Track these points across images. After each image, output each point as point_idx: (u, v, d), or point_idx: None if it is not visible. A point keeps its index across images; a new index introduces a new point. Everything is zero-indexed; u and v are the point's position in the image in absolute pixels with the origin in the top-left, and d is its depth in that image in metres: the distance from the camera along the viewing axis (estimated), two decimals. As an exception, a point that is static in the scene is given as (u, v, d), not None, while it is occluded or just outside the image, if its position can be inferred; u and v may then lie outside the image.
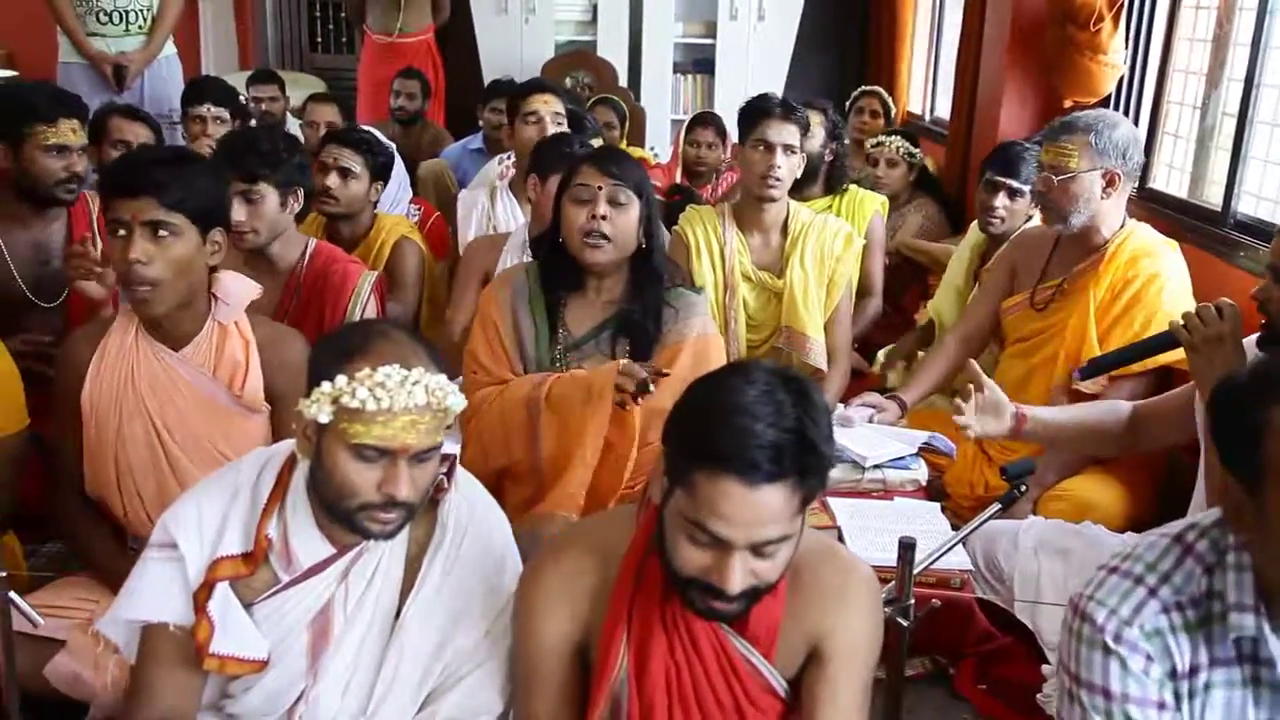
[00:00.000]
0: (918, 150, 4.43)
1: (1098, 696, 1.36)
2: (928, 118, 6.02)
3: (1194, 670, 1.35)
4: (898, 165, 4.37)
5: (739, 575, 1.36)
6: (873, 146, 4.45)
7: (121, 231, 1.99)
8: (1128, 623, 1.35)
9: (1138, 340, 2.55)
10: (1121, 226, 2.77)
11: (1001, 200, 3.32)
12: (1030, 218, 3.29)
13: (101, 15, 4.39)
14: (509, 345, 2.45)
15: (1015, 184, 3.31)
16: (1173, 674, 1.35)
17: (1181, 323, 2.21)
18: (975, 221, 3.49)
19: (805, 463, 1.33)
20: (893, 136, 4.40)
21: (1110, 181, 2.70)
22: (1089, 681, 1.37)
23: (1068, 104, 3.96)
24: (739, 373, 1.39)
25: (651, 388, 2.25)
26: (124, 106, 3.57)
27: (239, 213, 2.64)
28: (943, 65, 5.88)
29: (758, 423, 1.31)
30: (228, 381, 2.13)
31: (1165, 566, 1.37)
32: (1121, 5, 3.76)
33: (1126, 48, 3.88)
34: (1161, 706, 1.34)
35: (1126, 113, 3.91)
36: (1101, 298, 2.73)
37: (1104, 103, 3.94)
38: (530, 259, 2.78)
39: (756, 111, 3.06)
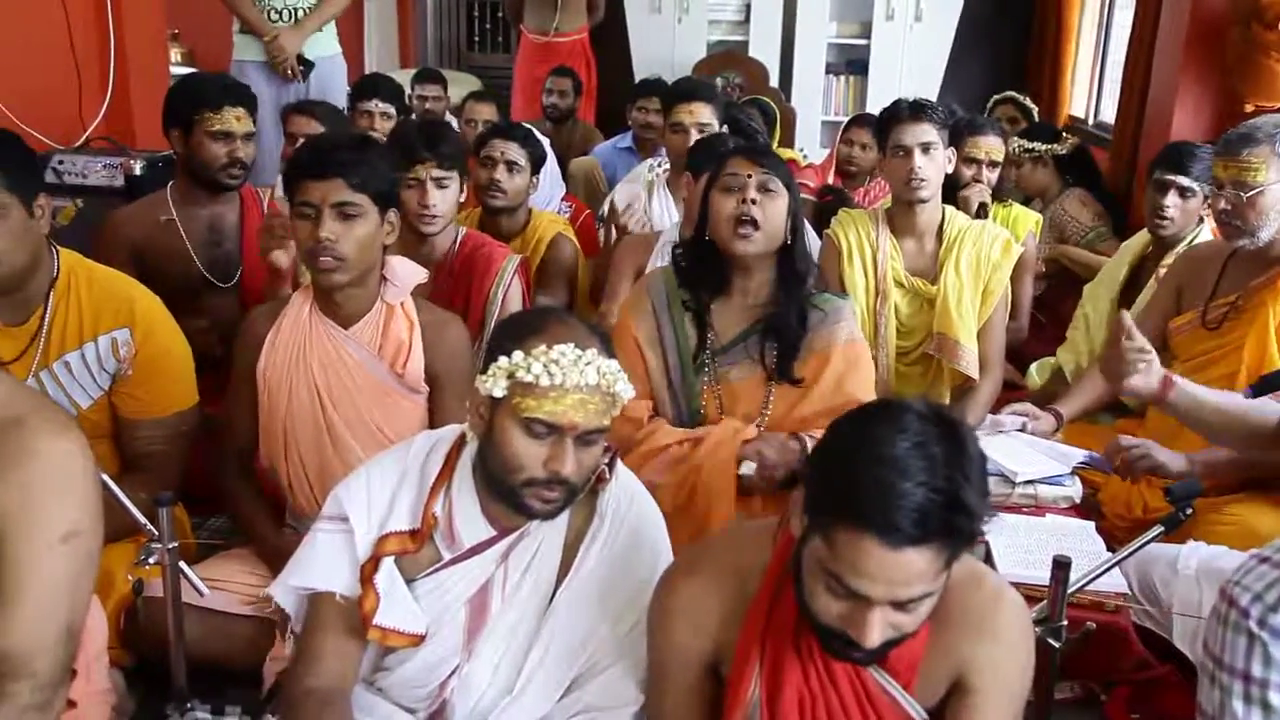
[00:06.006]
0: (1036, 144, 4.31)
1: (1238, 680, 1.36)
2: (1091, 121, 5.81)
3: None
4: (1023, 165, 4.30)
5: (878, 630, 1.29)
6: None
7: (310, 212, 2.10)
8: (1273, 609, 1.33)
9: None
10: (1300, 237, 2.61)
11: (1172, 199, 3.16)
12: (1201, 219, 3.14)
13: (272, 13, 4.59)
14: (650, 356, 2.39)
15: (1186, 181, 3.15)
16: None
17: None
18: (1144, 228, 3.34)
19: (955, 524, 1.24)
20: (1014, 138, 4.29)
21: None
22: (1231, 665, 1.37)
23: (1249, 108, 3.77)
24: (889, 418, 1.29)
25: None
26: (299, 103, 3.77)
27: (433, 197, 2.77)
28: (1110, 67, 5.67)
29: (906, 480, 1.22)
30: (391, 361, 2.22)
31: None
32: (1313, 4, 3.57)
33: (1317, 50, 3.67)
34: None
35: (1314, 119, 3.69)
36: (1283, 312, 2.57)
37: (1288, 107, 3.73)
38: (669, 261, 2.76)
39: (887, 120, 3.02)
